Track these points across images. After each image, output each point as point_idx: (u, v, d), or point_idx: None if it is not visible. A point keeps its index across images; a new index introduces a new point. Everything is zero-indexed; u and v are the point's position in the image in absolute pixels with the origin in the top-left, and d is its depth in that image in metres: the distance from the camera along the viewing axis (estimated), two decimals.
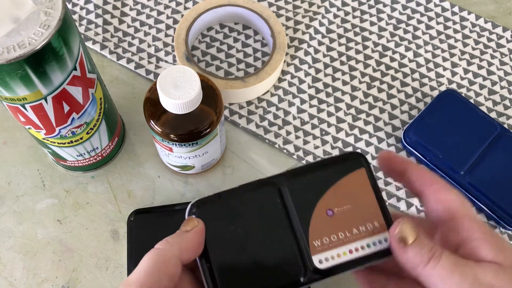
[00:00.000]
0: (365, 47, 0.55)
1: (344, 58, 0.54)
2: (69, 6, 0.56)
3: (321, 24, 0.56)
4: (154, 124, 0.40)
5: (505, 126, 0.52)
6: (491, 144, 0.48)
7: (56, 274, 0.45)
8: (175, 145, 0.41)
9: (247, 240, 0.27)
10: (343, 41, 0.55)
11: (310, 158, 0.50)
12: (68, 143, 0.41)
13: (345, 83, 0.53)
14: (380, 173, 0.50)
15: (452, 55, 0.55)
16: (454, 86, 0.54)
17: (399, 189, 0.49)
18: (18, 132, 0.50)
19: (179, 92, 0.36)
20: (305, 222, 0.27)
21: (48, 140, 0.41)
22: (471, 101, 0.52)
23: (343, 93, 0.53)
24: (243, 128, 0.51)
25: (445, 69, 0.54)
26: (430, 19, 0.57)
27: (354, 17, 0.57)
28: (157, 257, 0.25)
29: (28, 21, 0.31)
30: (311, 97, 0.52)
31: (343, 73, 0.54)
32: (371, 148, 0.50)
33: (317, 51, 0.54)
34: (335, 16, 0.56)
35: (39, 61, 0.31)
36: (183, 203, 0.46)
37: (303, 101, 0.52)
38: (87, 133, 0.42)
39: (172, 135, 0.40)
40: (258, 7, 0.53)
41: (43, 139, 0.41)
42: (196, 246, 0.27)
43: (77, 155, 0.44)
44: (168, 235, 0.30)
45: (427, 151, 0.48)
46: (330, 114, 0.52)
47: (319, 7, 0.57)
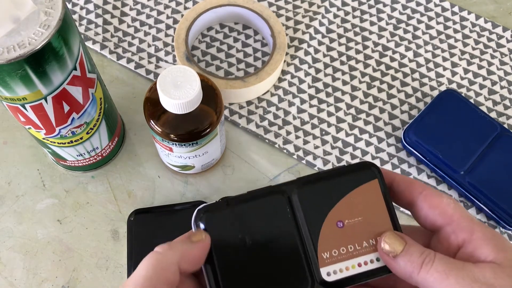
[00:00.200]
0: (365, 47, 0.55)
1: (344, 58, 0.54)
2: (69, 6, 0.56)
3: (321, 24, 0.56)
4: (154, 124, 0.40)
5: (505, 126, 0.52)
6: (491, 144, 0.48)
7: (56, 274, 0.45)
8: (175, 145, 0.41)
9: (254, 248, 0.26)
10: (343, 41, 0.55)
11: (310, 158, 0.50)
12: (68, 143, 0.41)
13: (345, 83, 0.53)
14: None
15: (452, 55, 0.55)
16: (454, 86, 0.54)
17: None
18: (18, 132, 0.50)
19: (179, 92, 0.36)
20: (314, 233, 0.27)
21: (48, 140, 0.41)
22: (471, 101, 0.52)
23: (343, 93, 0.53)
24: (243, 128, 0.51)
25: (445, 69, 0.54)
26: (430, 19, 0.57)
27: (354, 17, 0.57)
28: (156, 263, 0.24)
29: (28, 21, 0.31)
30: (311, 97, 0.52)
31: (343, 73, 0.54)
32: (371, 148, 0.50)
33: (317, 51, 0.54)
34: (335, 16, 0.56)
35: (39, 61, 0.31)
36: (183, 203, 0.46)
37: (303, 101, 0.52)
38: (87, 133, 0.42)
39: (172, 135, 0.40)
40: (258, 7, 0.53)
41: (43, 139, 0.41)
42: (197, 259, 0.26)
43: (77, 155, 0.44)
44: (168, 235, 0.29)
45: (427, 151, 0.48)
46: (330, 114, 0.52)
47: (319, 7, 0.57)
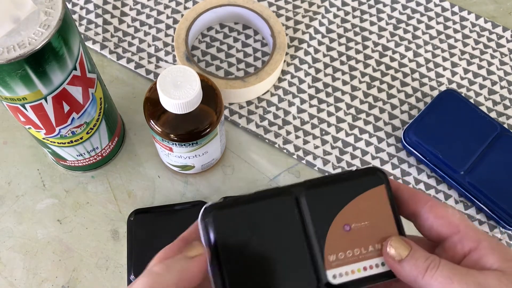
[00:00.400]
0: (365, 47, 0.55)
1: (344, 58, 0.54)
2: (69, 6, 0.56)
3: (321, 24, 0.56)
4: (154, 124, 0.40)
5: (505, 126, 0.52)
6: (491, 144, 0.48)
7: (56, 274, 0.45)
8: (175, 145, 0.41)
9: (261, 248, 0.26)
10: (343, 41, 0.55)
11: (310, 158, 0.50)
12: (68, 143, 0.41)
13: (345, 83, 0.53)
14: None
15: (452, 55, 0.55)
16: (454, 86, 0.54)
17: None
18: (18, 132, 0.50)
19: (179, 92, 0.36)
20: (321, 236, 0.27)
21: (48, 140, 0.41)
22: (471, 101, 0.52)
23: (343, 93, 0.53)
24: (243, 128, 0.51)
25: (445, 69, 0.54)
26: (430, 19, 0.57)
27: (354, 17, 0.57)
28: (154, 285, 0.23)
29: (28, 21, 0.31)
30: (311, 97, 0.52)
31: (343, 73, 0.54)
32: (371, 148, 0.50)
33: (317, 51, 0.54)
34: (335, 16, 0.56)
35: (39, 61, 0.31)
36: (183, 203, 0.46)
37: (303, 101, 0.52)
38: (87, 133, 0.42)
39: (172, 135, 0.40)
40: (258, 7, 0.53)
41: (43, 139, 0.41)
42: (197, 276, 0.25)
43: (77, 155, 0.44)
44: (168, 235, 0.29)
45: (427, 151, 0.48)
46: (330, 114, 0.52)
47: (319, 7, 0.57)
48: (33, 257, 0.45)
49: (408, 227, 0.28)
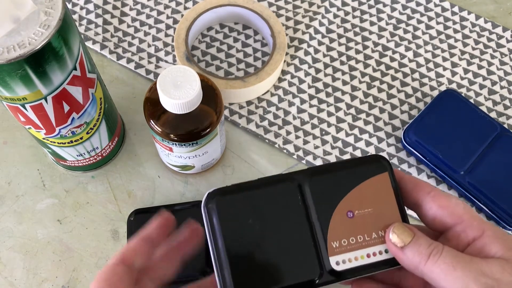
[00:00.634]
0: (365, 47, 0.55)
1: (344, 58, 0.54)
2: (69, 6, 0.56)
3: (321, 24, 0.56)
4: (154, 124, 0.40)
5: (505, 126, 0.52)
6: (491, 144, 0.48)
7: (56, 274, 0.45)
8: (175, 145, 0.41)
9: (264, 234, 0.26)
10: (343, 41, 0.55)
11: (310, 158, 0.50)
12: (68, 143, 0.41)
13: (345, 83, 0.53)
14: None
15: (452, 55, 0.55)
16: (454, 86, 0.54)
17: None
18: (18, 132, 0.50)
19: (179, 92, 0.36)
20: (324, 222, 0.27)
21: (48, 140, 0.41)
22: (471, 101, 0.52)
23: (343, 93, 0.53)
24: (243, 128, 0.51)
25: (445, 69, 0.54)
26: (430, 19, 0.57)
27: (354, 17, 0.57)
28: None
29: (28, 21, 0.31)
30: (311, 97, 0.52)
31: (343, 73, 0.54)
32: (371, 148, 0.50)
33: (317, 51, 0.54)
34: (335, 16, 0.56)
35: (39, 61, 0.31)
36: (183, 203, 0.46)
37: (303, 101, 0.52)
38: (87, 133, 0.42)
39: (172, 135, 0.40)
40: (258, 7, 0.53)
41: (43, 139, 0.41)
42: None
43: (77, 155, 0.44)
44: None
45: (427, 151, 0.48)
46: (330, 114, 0.52)
47: (319, 7, 0.57)
48: (33, 257, 0.45)
49: (410, 218, 0.28)
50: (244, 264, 0.26)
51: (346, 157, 0.50)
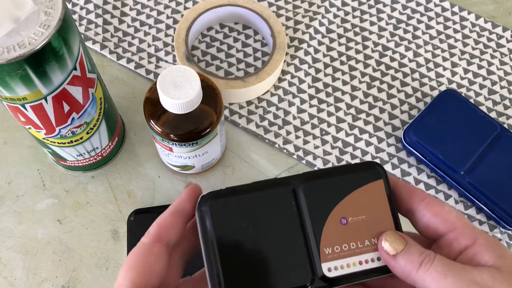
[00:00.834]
0: (365, 47, 0.55)
1: (344, 58, 0.54)
2: (69, 6, 0.56)
3: (321, 24, 0.56)
4: (154, 124, 0.40)
5: (505, 126, 0.52)
6: (491, 144, 0.48)
7: (56, 274, 0.45)
8: (175, 145, 0.41)
9: (256, 239, 0.26)
10: (343, 41, 0.55)
11: (310, 158, 0.50)
12: (68, 143, 0.41)
13: (345, 83, 0.53)
14: None
15: (452, 55, 0.55)
16: (454, 86, 0.54)
17: None
18: (18, 132, 0.50)
19: (179, 92, 0.36)
20: (318, 228, 0.27)
21: (48, 140, 0.41)
22: (471, 101, 0.52)
23: (343, 93, 0.53)
24: (243, 128, 0.51)
25: (445, 69, 0.54)
26: (430, 19, 0.57)
27: (354, 17, 0.57)
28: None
29: (28, 21, 0.31)
30: (311, 97, 0.52)
31: (343, 73, 0.54)
32: (371, 148, 0.50)
33: (317, 51, 0.54)
34: (335, 16, 0.56)
35: (39, 61, 0.31)
36: None
37: (303, 101, 0.52)
38: (87, 133, 0.42)
39: (172, 135, 0.40)
40: (258, 7, 0.53)
41: (43, 139, 0.41)
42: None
43: (77, 155, 0.44)
44: None
45: (427, 151, 0.48)
46: (330, 114, 0.52)
47: (319, 7, 0.57)
48: (33, 257, 0.45)
49: (404, 225, 0.28)
50: (236, 268, 0.26)
51: (346, 157, 0.50)
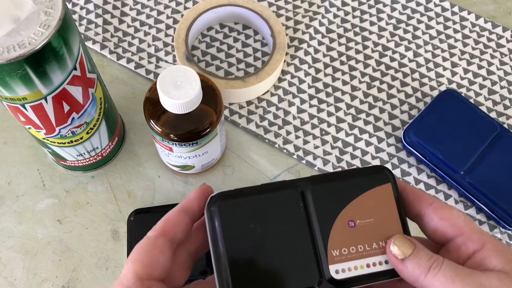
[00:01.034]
0: (365, 47, 0.55)
1: (344, 58, 0.54)
2: (69, 6, 0.56)
3: (321, 24, 0.56)
4: (154, 124, 0.40)
5: (505, 126, 0.52)
6: (491, 144, 0.48)
7: (56, 274, 0.45)
8: (175, 145, 0.41)
9: (264, 240, 0.26)
10: (343, 41, 0.55)
11: (310, 158, 0.50)
12: (68, 143, 0.41)
13: (345, 83, 0.53)
14: None
15: (452, 55, 0.55)
16: (454, 86, 0.54)
17: None
18: (18, 132, 0.50)
19: (179, 92, 0.36)
20: (325, 230, 0.27)
21: (48, 140, 0.41)
22: (471, 101, 0.52)
23: (343, 93, 0.53)
24: (243, 128, 0.51)
25: (445, 69, 0.54)
26: (430, 19, 0.57)
27: (354, 17, 0.57)
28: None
29: (28, 21, 0.31)
30: (311, 97, 0.52)
31: (343, 73, 0.54)
32: (371, 148, 0.50)
33: (317, 51, 0.54)
34: (335, 16, 0.56)
35: (39, 61, 0.31)
36: None
37: (303, 101, 0.52)
38: (87, 133, 0.42)
39: (172, 135, 0.40)
40: (258, 7, 0.53)
41: (43, 139, 0.41)
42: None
43: (77, 155, 0.44)
44: None
45: (427, 151, 0.48)
46: (330, 114, 0.52)
47: (319, 7, 0.57)
48: (33, 257, 0.45)
49: (412, 229, 0.28)
50: (244, 269, 0.26)
51: (346, 157, 0.50)
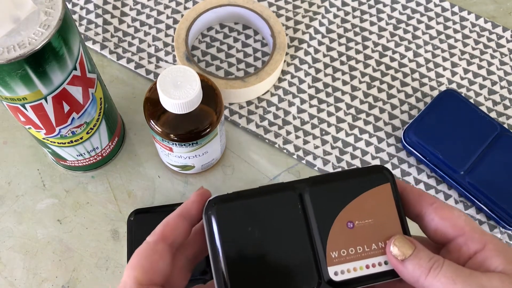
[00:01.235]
0: (365, 47, 0.55)
1: (344, 58, 0.54)
2: (69, 6, 0.56)
3: (321, 24, 0.56)
4: (154, 124, 0.40)
5: (505, 126, 0.52)
6: (491, 144, 0.48)
7: (56, 274, 0.45)
8: (175, 145, 0.41)
9: (263, 243, 0.26)
10: (343, 41, 0.55)
11: (310, 158, 0.50)
12: (68, 143, 0.41)
13: (345, 83, 0.53)
14: None
15: (452, 55, 0.55)
16: (454, 86, 0.54)
17: None
18: (18, 132, 0.50)
19: (179, 92, 0.36)
20: (324, 232, 0.27)
21: (48, 140, 0.41)
22: (471, 101, 0.52)
23: (343, 93, 0.53)
24: (243, 128, 0.51)
25: (445, 69, 0.54)
26: (430, 19, 0.57)
27: (354, 17, 0.57)
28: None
29: (28, 21, 0.31)
30: (311, 97, 0.52)
31: (343, 73, 0.54)
32: (371, 148, 0.50)
33: (317, 51, 0.54)
34: (335, 16, 0.56)
35: (39, 61, 0.31)
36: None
37: (303, 101, 0.52)
38: (87, 133, 0.42)
39: (172, 135, 0.40)
40: (258, 7, 0.53)
41: (43, 139, 0.41)
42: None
43: (77, 155, 0.44)
44: None
45: (427, 151, 0.48)
46: (330, 114, 0.52)
47: (319, 7, 0.57)
48: (33, 257, 0.45)
49: (412, 229, 0.28)
50: (242, 272, 0.26)
51: (346, 157, 0.50)
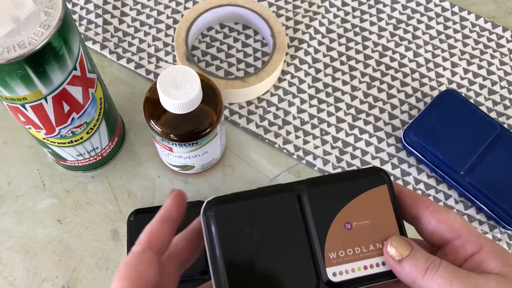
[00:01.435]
0: (365, 47, 0.55)
1: (344, 58, 0.54)
2: (69, 6, 0.56)
3: (321, 24, 0.56)
4: (154, 124, 0.40)
5: (505, 126, 0.52)
6: (491, 144, 0.48)
7: (56, 274, 0.45)
8: (175, 145, 0.41)
9: (261, 244, 0.26)
10: (343, 41, 0.55)
11: (310, 158, 0.50)
12: (68, 143, 0.41)
13: (345, 83, 0.53)
14: None
15: (452, 55, 0.55)
16: (454, 86, 0.54)
17: None
18: (18, 132, 0.50)
19: (179, 92, 0.36)
20: (322, 233, 0.27)
21: (48, 140, 0.41)
22: (471, 101, 0.52)
23: (343, 93, 0.53)
24: (243, 128, 0.51)
25: (445, 69, 0.54)
26: (430, 19, 0.57)
27: (354, 17, 0.57)
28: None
29: (28, 21, 0.31)
30: (311, 97, 0.52)
31: (343, 73, 0.54)
32: (371, 148, 0.50)
33: (317, 51, 0.54)
34: (335, 16, 0.56)
35: (39, 61, 0.31)
36: None
37: (303, 101, 0.52)
38: (87, 133, 0.42)
39: (172, 135, 0.40)
40: (258, 7, 0.53)
41: (43, 139, 0.41)
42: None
43: (77, 155, 0.44)
44: None
45: (427, 151, 0.48)
46: (330, 114, 0.52)
47: (319, 7, 0.57)
48: (33, 257, 0.45)
49: (409, 232, 0.28)
50: (241, 273, 0.26)
51: (346, 157, 0.50)
